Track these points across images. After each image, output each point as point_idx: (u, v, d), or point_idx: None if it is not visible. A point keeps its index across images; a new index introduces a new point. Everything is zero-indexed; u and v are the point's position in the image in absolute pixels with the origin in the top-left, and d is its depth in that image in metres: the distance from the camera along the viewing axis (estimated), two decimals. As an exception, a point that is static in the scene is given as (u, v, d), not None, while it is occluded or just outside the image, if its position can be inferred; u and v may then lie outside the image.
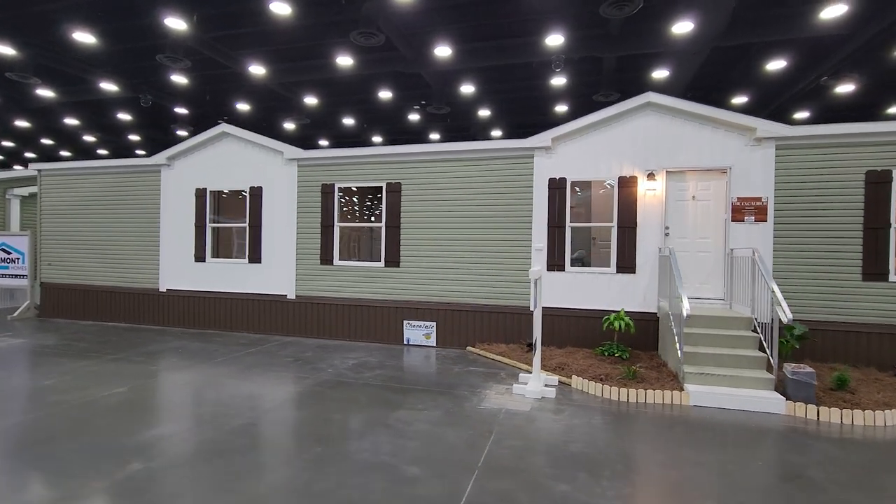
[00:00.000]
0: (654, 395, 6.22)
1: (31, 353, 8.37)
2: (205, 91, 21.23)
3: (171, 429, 5.07)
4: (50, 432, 4.93)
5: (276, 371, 7.50)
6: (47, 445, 4.60)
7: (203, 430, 5.03)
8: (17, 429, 5.01)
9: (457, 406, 6.00)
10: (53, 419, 5.30)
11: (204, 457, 4.41)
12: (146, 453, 4.45)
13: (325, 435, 4.99)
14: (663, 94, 8.26)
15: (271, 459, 4.40)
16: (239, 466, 4.24)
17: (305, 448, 4.65)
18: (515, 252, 8.95)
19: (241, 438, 4.87)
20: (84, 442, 4.71)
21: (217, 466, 4.22)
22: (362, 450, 4.64)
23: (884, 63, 17.00)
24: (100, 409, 5.70)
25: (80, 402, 5.86)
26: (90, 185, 11.85)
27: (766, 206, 7.79)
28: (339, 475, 4.10)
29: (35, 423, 5.16)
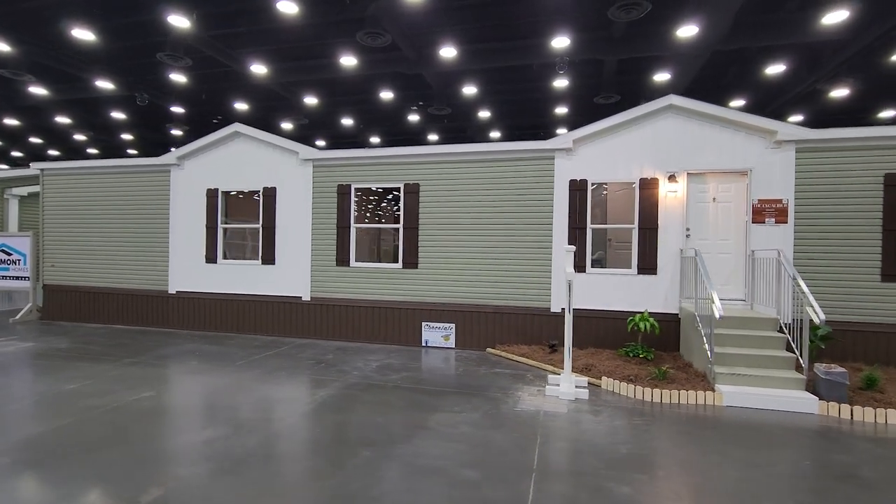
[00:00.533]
0: (687, 396, 6.26)
1: (46, 357, 8.17)
2: (202, 90, 20.99)
3: (212, 434, 4.97)
4: (91, 438, 4.80)
5: (302, 374, 7.42)
6: (94, 452, 4.48)
7: (245, 435, 4.94)
8: (57, 435, 4.88)
9: (493, 408, 5.98)
10: (90, 424, 5.17)
11: (255, 462, 4.34)
12: (195, 459, 4.35)
13: (370, 438, 4.93)
14: (685, 97, 8.33)
15: (324, 464, 4.34)
16: (294, 472, 4.18)
17: (354, 452, 4.60)
18: (535, 253, 8.96)
19: (287, 443, 4.80)
20: (129, 447, 4.60)
21: (271, 472, 4.15)
22: (412, 453, 4.59)
23: (878, 68, 17.34)
24: (134, 413, 5.58)
25: (112, 407, 5.72)
26: (96, 185, 11.61)
27: (786, 208, 7.90)
28: (396, 480, 4.06)
29: (73, 429, 5.03)
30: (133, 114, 24.10)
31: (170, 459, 4.35)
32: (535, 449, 4.75)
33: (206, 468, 4.19)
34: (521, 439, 5.02)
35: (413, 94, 21.58)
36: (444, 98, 20.95)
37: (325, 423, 5.36)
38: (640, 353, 7.76)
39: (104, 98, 21.37)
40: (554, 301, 8.85)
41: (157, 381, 6.94)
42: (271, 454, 4.52)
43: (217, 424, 5.26)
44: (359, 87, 20.76)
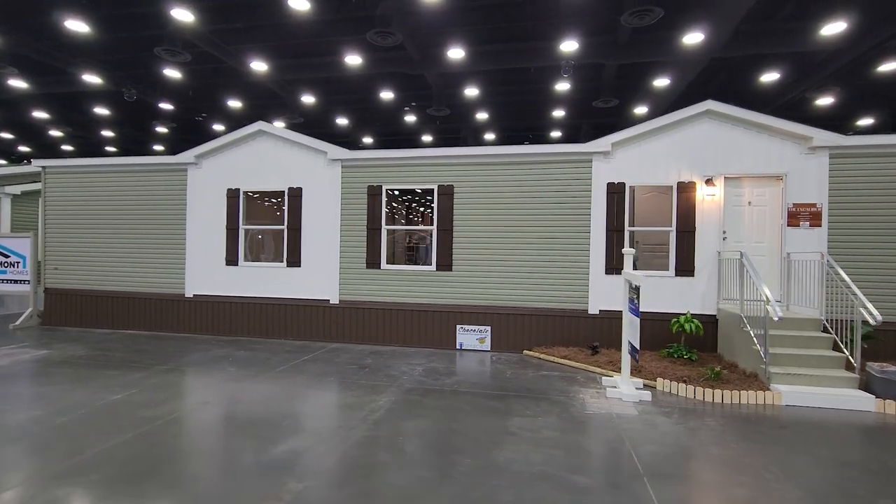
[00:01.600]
0: (747, 396, 6.37)
1: (69, 365, 7.74)
2: (193, 87, 20.36)
3: (296, 444, 4.78)
4: (169, 451, 4.56)
5: (350, 379, 7.23)
6: (182, 465, 4.25)
7: (331, 444, 4.78)
8: (130, 448, 4.61)
9: (564, 411, 5.96)
10: (159, 437, 4.91)
11: (358, 473, 4.19)
12: (294, 472, 4.18)
13: (459, 446, 4.84)
14: (722, 103, 8.51)
15: (430, 473, 4.22)
16: (404, 481, 4.05)
17: (452, 460, 4.50)
18: (573, 255, 8.99)
19: (378, 452, 4.65)
20: (217, 460, 4.39)
21: (379, 483, 4.02)
22: (512, 460, 4.53)
23: (864, 78, 18.10)
24: (199, 424, 5.33)
25: (173, 418, 5.45)
26: (104, 184, 11.09)
27: (820, 212, 8.16)
28: (512, 488, 3.99)
29: (144, 442, 4.77)
30: (117, 110, 23.21)
31: (271, 472, 4.16)
32: (629, 452, 4.74)
33: (317, 481, 4.02)
34: (609, 442, 5.01)
35: (412, 95, 21.46)
36: (444, 99, 20.91)
37: (403, 431, 5.23)
38: (685, 353, 7.88)
39: (88, 93, 20.51)
40: (592, 303, 8.91)
41: (203, 389, 6.66)
42: (370, 465, 4.38)
43: (294, 434, 5.07)
44: (358, 86, 20.52)
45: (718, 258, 8.46)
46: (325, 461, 4.41)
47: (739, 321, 7.47)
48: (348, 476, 4.14)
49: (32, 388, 6.47)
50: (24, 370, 7.41)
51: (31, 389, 6.42)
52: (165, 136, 28.01)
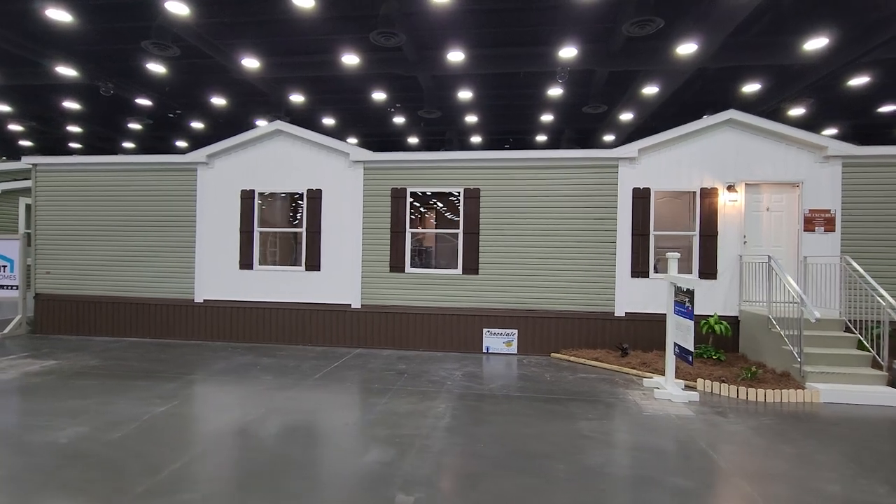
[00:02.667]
0: (787, 395, 6.65)
1: (88, 377, 7.28)
2: (177, 82, 19.59)
3: (380, 454, 4.66)
4: (253, 465, 4.36)
5: (394, 385, 7.11)
6: (278, 480, 4.07)
7: (416, 453, 4.68)
8: (208, 464, 4.39)
9: (623, 413, 6.06)
10: (233, 451, 4.70)
11: (462, 483, 4.13)
12: (394, 483, 4.07)
13: (546, 451, 4.84)
14: (743, 112, 8.85)
15: (533, 480, 4.20)
16: (513, 490, 4.01)
17: (547, 466, 4.49)
18: (599, 259, 9.15)
19: (467, 459, 4.60)
20: (309, 472, 4.24)
21: (490, 491, 3.97)
22: (603, 464, 4.57)
23: (836, 91, 19.19)
24: (267, 435, 5.13)
25: (235, 429, 5.22)
26: (103, 184, 10.50)
27: (833, 218, 8.61)
28: (621, 492, 4.03)
29: (221, 456, 4.55)
30: (88, 104, 22.05)
31: (373, 484, 4.04)
32: (708, 452, 4.86)
33: (425, 492, 3.93)
34: (684, 443, 5.12)
35: (403, 97, 21.35)
36: (435, 101, 20.89)
37: (481, 437, 5.18)
38: (713, 354, 8.15)
39: (57, 86, 19.40)
40: (618, 305, 9.09)
41: (248, 399, 6.40)
42: (468, 472, 4.32)
43: (371, 443, 4.94)
44: (350, 86, 20.26)
45: (740, 262, 8.79)
46: (420, 471, 4.33)
47: (767, 322, 7.78)
48: (454, 485, 4.07)
49: (63, 402, 6.05)
50: (42, 383, 6.92)
51: (61, 403, 6.01)
52: (138, 133, 26.80)
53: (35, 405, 5.94)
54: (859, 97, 20.03)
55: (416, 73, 17.84)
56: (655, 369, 7.84)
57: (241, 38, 15.67)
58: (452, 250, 9.77)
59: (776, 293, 7.65)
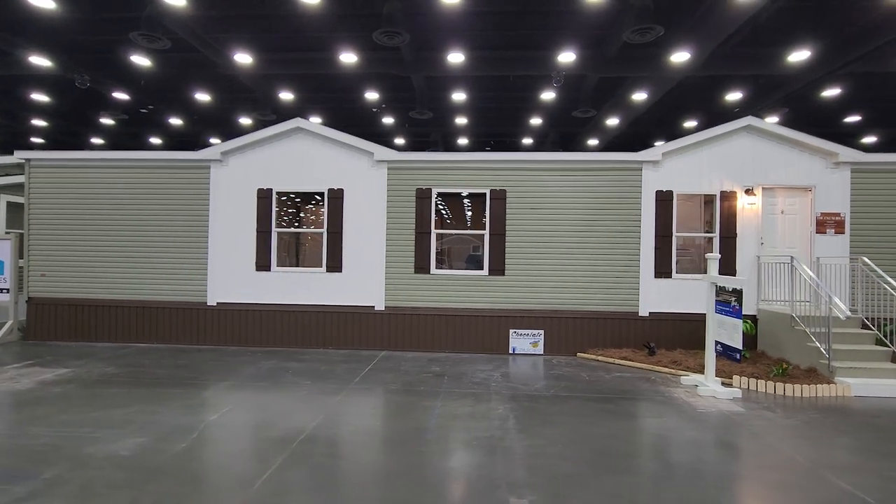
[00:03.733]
0: (820, 390, 6.95)
1: (113, 384, 6.85)
2: (160, 76, 18.80)
3: (467, 457, 4.59)
4: (346, 474, 4.22)
5: (440, 388, 7.02)
6: (377, 489, 3.95)
7: (504, 455, 4.62)
8: (298, 473, 4.21)
9: (678, 411, 6.18)
10: (317, 459, 4.53)
11: (566, 482, 4.11)
12: (499, 485, 4.01)
13: (628, 451, 4.89)
14: (761, 119, 9.22)
15: (636, 479, 4.23)
16: (624, 490, 4.03)
17: (638, 464, 4.54)
18: (624, 260, 9.32)
19: (558, 461, 4.58)
20: (411, 480, 4.12)
21: (602, 491, 3.97)
22: (689, 461, 4.65)
23: (809, 101, 20.20)
24: (341, 442, 4.98)
25: (305, 436, 5.02)
26: (106, 181, 9.93)
27: (843, 221, 9.08)
28: (725, 489, 4.10)
29: (305, 465, 4.37)
30: (57, 97, 20.87)
31: (480, 489, 3.97)
32: (778, 447, 5.01)
33: (535, 494, 3.89)
34: (751, 439, 5.27)
35: (395, 97, 21.21)
36: (426, 102, 20.83)
37: (555, 439, 5.17)
38: (738, 352, 8.42)
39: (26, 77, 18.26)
40: (642, 305, 9.28)
41: (299, 405, 6.18)
42: (566, 473, 4.31)
43: (452, 447, 4.86)
44: (342, 84, 19.97)
45: (758, 262, 9.14)
46: (515, 473, 4.28)
47: (789, 321, 8.11)
48: (560, 487, 4.04)
49: (100, 413, 5.67)
50: (66, 393, 6.47)
51: (100, 413, 5.63)
52: (108, 128, 25.53)
53: (71, 416, 5.55)
54: (828, 108, 21.18)
55: (411, 73, 17.74)
56: (687, 367, 8.05)
57: (234, 32, 15.21)
58: (464, 251, 9.74)
59: (799, 292, 7.99)
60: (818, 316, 7.55)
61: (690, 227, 10.27)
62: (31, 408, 5.82)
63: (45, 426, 5.21)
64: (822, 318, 7.42)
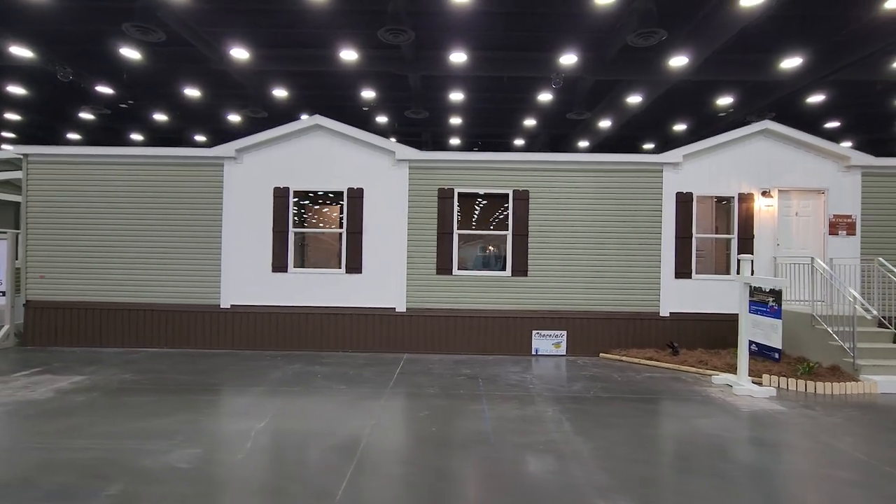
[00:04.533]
0: (850, 387, 7.13)
1: (137, 392, 6.52)
2: (149, 71, 18.18)
3: (544, 462, 4.52)
4: (428, 480, 4.08)
5: (479, 391, 6.92)
6: (475, 494, 3.83)
7: (577, 459, 4.57)
8: (377, 482, 4.06)
9: (724, 411, 6.23)
10: (389, 467, 4.39)
11: (657, 487, 4.08)
12: (590, 492, 3.96)
13: (695, 452, 4.90)
14: (778, 123, 9.43)
15: (719, 481, 4.22)
16: (719, 492, 4.02)
17: (714, 465, 4.54)
18: (644, 260, 9.40)
19: (632, 464, 4.55)
20: (502, 484, 4.03)
21: (698, 495, 3.95)
22: (762, 460, 4.68)
23: (795, 107, 20.81)
24: (404, 448, 4.85)
25: (365, 443, 4.86)
26: (111, 178, 9.48)
27: (854, 223, 9.37)
28: (814, 490, 4.14)
29: (381, 473, 4.23)
30: (34, 90, 19.95)
31: (569, 496, 3.90)
32: (837, 445, 5.11)
33: (632, 498, 3.84)
34: (805, 437, 5.36)
35: (390, 96, 21.01)
36: (422, 102, 20.71)
37: (616, 440, 5.14)
38: (760, 351, 8.59)
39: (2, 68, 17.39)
40: (663, 306, 9.37)
41: (343, 411, 6.00)
42: (648, 477, 4.28)
43: (520, 453, 4.77)
44: (338, 82, 19.68)
45: (774, 263, 9.35)
46: (597, 477, 4.22)
47: (809, 320, 8.31)
48: (648, 490, 4.00)
49: (139, 423, 5.37)
50: (90, 402, 6.12)
51: (138, 424, 5.34)
52: (86, 123, 24.53)
53: (109, 427, 5.24)
54: (811, 113, 21.87)
55: (410, 72, 17.58)
56: (714, 367, 8.16)
57: (230, 27, 14.82)
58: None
59: (819, 292, 8.20)
60: (841, 315, 7.75)
61: (704, 228, 10.42)
62: (62, 418, 5.48)
63: (86, 438, 4.91)
64: (843, 317, 7.62)
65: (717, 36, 13.81)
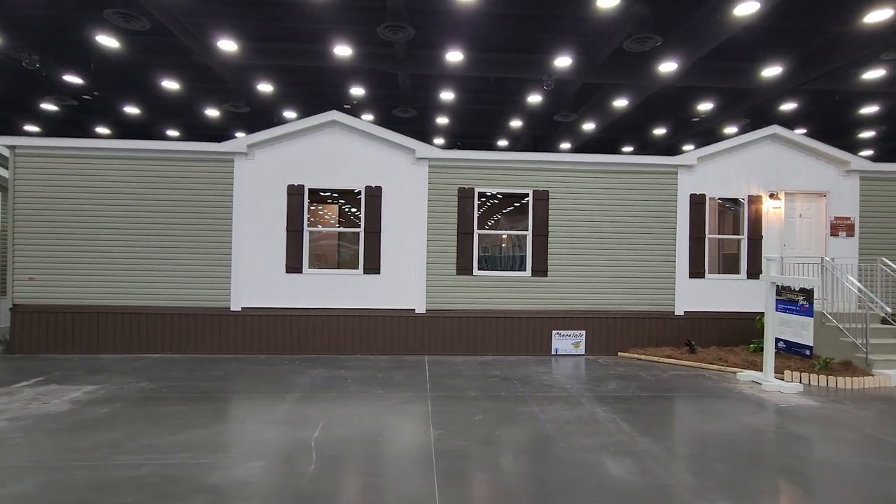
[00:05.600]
0: (867, 381, 7.46)
1: (164, 402, 6.10)
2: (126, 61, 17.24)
3: (624, 466, 4.47)
4: (519, 485, 3.97)
5: (519, 392, 6.84)
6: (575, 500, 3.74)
7: (660, 464, 4.56)
8: (460, 490, 3.91)
9: (762, 407, 6.38)
10: (475, 475, 4.24)
11: (751, 486, 4.10)
12: (688, 495, 3.94)
13: (759, 450, 4.97)
14: (785, 128, 9.79)
15: (797, 477, 4.30)
16: (805, 489, 4.08)
17: (782, 462, 4.62)
18: (660, 260, 9.56)
19: (705, 463, 4.57)
20: (593, 488, 3.95)
21: (799, 494, 4.00)
22: (830, 455, 4.82)
23: (767, 113, 21.71)
24: (480, 455, 4.70)
25: (438, 450, 4.69)
26: (110, 173, 8.88)
27: (853, 225, 9.83)
28: (887, 483, 4.26)
29: (461, 481, 4.07)
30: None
31: (670, 499, 3.87)
32: (884, 438, 5.30)
33: (736, 497, 3.84)
34: (854, 430, 5.54)
35: (378, 94, 20.67)
36: (410, 101, 20.51)
37: (678, 439, 5.19)
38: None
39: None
40: (677, 305, 9.56)
41: (391, 417, 5.81)
42: (729, 478, 4.30)
43: (595, 455, 4.72)
44: (323, 79, 19.25)
45: (781, 263, 9.68)
46: (685, 477, 4.23)
47: (820, 317, 8.65)
48: (737, 489, 4.02)
49: (180, 434, 5.01)
50: (116, 413, 5.68)
51: (180, 436, 4.97)
52: (46, 114, 23.01)
53: (150, 440, 4.85)
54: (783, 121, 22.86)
55: (400, 70, 17.35)
56: (734, 364, 8.37)
57: (219, 18, 14.22)
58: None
59: (830, 292, 8.55)
60: (851, 313, 8.10)
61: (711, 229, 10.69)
62: (93, 432, 5.04)
63: (132, 453, 4.52)
64: (853, 314, 7.99)
65: (705, 42, 14.18)
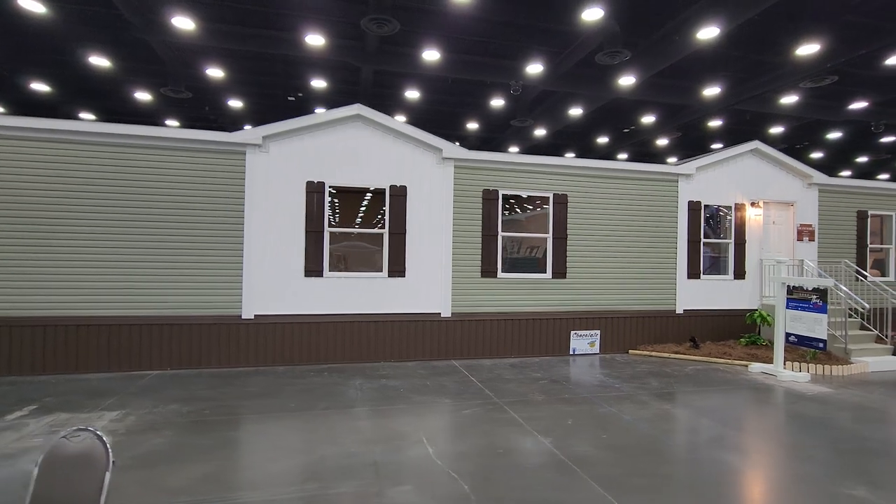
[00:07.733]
0: (851, 368, 8.54)
1: (219, 427, 5.40)
2: (50, 31, 15.05)
3: (761, 460, 4.74)
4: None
5: (579, 393, 6.96)
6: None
7: (770, 458, 4.89)
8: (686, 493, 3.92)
9: (796, 396, 7.07)
10: (649, 480, 4.24)
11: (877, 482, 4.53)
12: (831, 484, 4.28)
13: (815, 443, 5.51)
14: (764, 144, 10.86)
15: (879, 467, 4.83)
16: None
17: (867, 445, 5.16)
18: (663, 262, 10.19)
19: (803, 462, 4.98)
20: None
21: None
22: (885, 440, 5.44)
23: (695, 129, 23.90)
24: (638, 460, 4.71)
25: (584, 455, 4.64)
26: (96, 162, 7.63)
27: (814, 231, 11.19)
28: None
29: (648, 487, 4.08)
30: None
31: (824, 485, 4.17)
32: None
33: (866, 487, 4.22)
34: (876, 410, 6.33)
35: (337, 88, 19.86)
36: (369, 98, 19.99)
37: (766, 435, 5.58)
38: (762, 341, 9.86)
39: None
40: (679, 304, 10.25)
41: (485, 427, 5.63)
42: (814, 483, 4.73)
43: (720, 453, 4.95)
44: (279, 69, 18.14)
45: (761, 265, 10.77)
46: (806, 466, 4.57)
47: (800, 313, 9.75)
48: (865, 473, 4.43)
49: (279, 463, 4.47)
50: (174, 444, 4.93)
51: (284, 463, 4.44)
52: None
53: (260, 470, 4.27)
54: (706, 136, 25.31)
55: (366, 65, 16.84)
56: (739, 357, 9.17)
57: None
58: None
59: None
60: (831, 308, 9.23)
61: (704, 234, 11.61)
62: (167, 466, 4.33)
63: (252, 488, 3.95)
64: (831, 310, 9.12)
65: (661, 61, 15.17)
